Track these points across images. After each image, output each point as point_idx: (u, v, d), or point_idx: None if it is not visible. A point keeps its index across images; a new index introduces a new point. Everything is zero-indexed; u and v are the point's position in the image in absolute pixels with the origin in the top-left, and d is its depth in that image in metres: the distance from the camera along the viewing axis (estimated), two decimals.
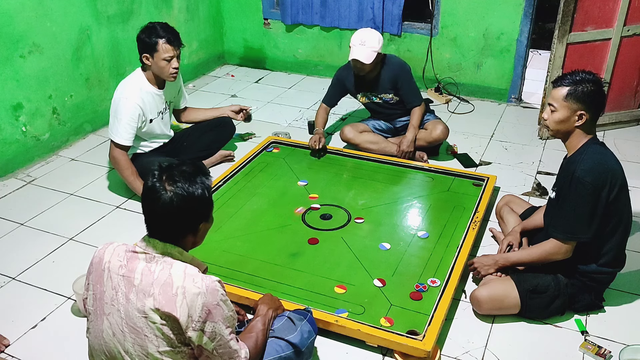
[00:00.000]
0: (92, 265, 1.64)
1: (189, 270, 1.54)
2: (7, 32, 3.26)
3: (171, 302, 1.49)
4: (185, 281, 1.51)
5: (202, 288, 1.50)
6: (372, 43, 3.27)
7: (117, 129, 2.95)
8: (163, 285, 1.51)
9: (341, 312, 2.26)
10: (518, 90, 4.40)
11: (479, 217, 2.80)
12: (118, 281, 1.56)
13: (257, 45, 5.18)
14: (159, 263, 1.54)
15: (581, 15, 3.50)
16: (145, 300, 1.51)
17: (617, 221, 2.20)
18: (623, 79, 3.78)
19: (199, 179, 1.57)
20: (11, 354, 2.19)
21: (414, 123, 3.47)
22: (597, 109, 2.16)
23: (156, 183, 1.54)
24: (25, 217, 3.02)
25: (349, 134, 3.56)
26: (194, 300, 1.49)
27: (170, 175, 1.55)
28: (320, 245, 2.72)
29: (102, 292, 1.59)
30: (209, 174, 1.64)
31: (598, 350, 2.13)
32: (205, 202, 1.59)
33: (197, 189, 1.55)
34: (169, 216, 1.54)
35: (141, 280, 1.53)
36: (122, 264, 1.57)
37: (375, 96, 3.55)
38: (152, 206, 1.55)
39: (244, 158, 3.46)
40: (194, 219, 1.59)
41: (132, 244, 1.61)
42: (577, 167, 2.13)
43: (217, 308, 1.53)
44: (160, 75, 3.01)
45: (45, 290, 2.52)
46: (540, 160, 3.59)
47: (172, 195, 1.52)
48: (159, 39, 2.89)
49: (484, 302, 2.28)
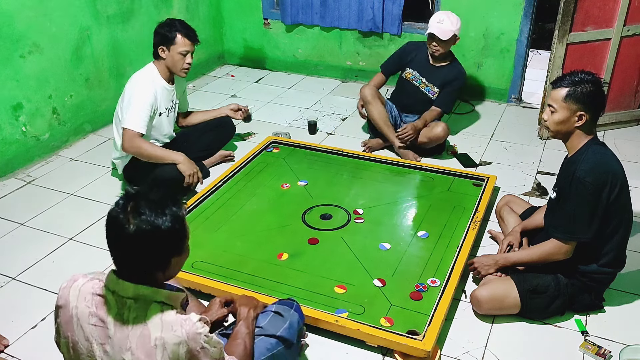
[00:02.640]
0: (58, 308, 1.49)
1: (165, 318, 1.39)
2: (7, 32, 3.26)
3: (151, 356, 1.38)
4: (164, 331, 1.38)
5: (183, 336, 1.38)
6: (450, 22, 3.43)
7: (131, 115, 2.93)
8: (139, 338, 1.38)
9: (341, 312, 2.26)
10: (518, 90, 4.40)
11: (479, 217, 2.80)
12: (90, 331, 1.43)
13: (257, 45, 5.18)
14: (132, 310, 1.40)
15: (581, 15, 3.50)
16: (123, 355, 1.40)
17: (618, 221, 2.20)
18: (623, 79, 3.78)
19: (168, 210, 1.38)
20: (11, 354, 2.19)
21: (427, 116, 3.54)
22: (597, 110, 2.16)
23: (120, 214, 1.36)
24: (25, 217, 3.02)
25: (367, 92, 3.62)
26: (176, 350, 1.38)
27: (136, 205, 1.37)
28: (320, 245, 2.71)
29: (75, 342, 1.46)
30: (180, 202, 1.44)
31: (598, 350, 2.13)
32: (174, 236, 1.40)
33: (165, 222, 1.37)
34: (133, 252, 1.38)
35: (115, 332, 1.40)
36: (91, 311, 1.42)
37: (422, 81, 3.61)
38: (114, 240, 1.39)
39: (244, 158, 3.46)
40: (162, 254, 1.41)
41: (96, 279, 1.47)
42: (578, 168, 2.13)
43: (203, 351, 1.41)
44: (173, 69, 3.04)
45: (45, 290, 2.52)
46: (540, 160, 3.59)
47: (136, 229, 1.34)
48: (178, 32, 2.96)
49: (484, 302, 2.28)
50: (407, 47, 3.74)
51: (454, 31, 3.44)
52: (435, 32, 3.42)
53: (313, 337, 2.24)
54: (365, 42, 4.74)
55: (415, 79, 3.64)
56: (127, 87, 3.04)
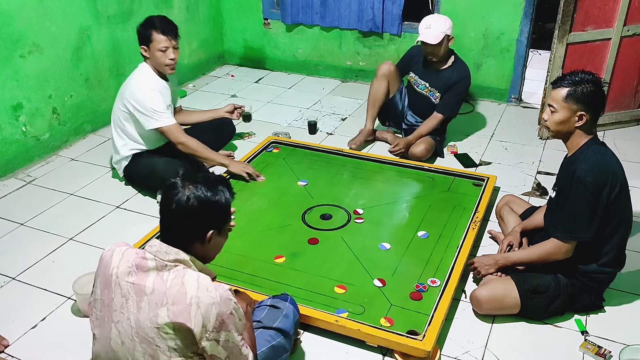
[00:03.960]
0: (99, 268, 1.62)
1: (202, 280, 1.52)
2: (7, 32, 3.26)
3: (185, 313, 1.48)
4: (199, 291, 1.49)
5: (217, 298, 1.50)
6: (438, 25, 3.33)
7: (157, 115, 2.97)
8: (176, 295, 1.49)
9: (341, 312, 2.26)
10: (518, 90, 4.40)
11: (479, 217, 2.80)
12: (128, 289, 1.53)
13: (257, 45, 5.18)
14: (171, 271, 1.53)
15: (581, 15, 3.50)
16: (158, 310, 1.49)
17: (618, 221, 2.20)
18: (623, 78, 3.78)
19: (220, 187, 1.61)
20: (11, 354, 2.19)
21: (422, 130, 3.52)
22: (597, 109, 2.16)
23: (178, 181, 1.58)
24: (25, 217, 3.02)
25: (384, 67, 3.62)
26: (209, 310, 1.48)
27: (193, 177, 1.59)
28: (320, 245, 2.71)
29: (110, 299, 1.56)
30: (231, 187, 1.66)
31: (598, 350, 2.13)
32: (220, 210, 1.60)
33: (215, 196, 1.58)
34: (182, 215, 1.55)
35: (153, 290, 1.51)
36: (132, 271, 1.54)
37: (425, 86, 3.57)
38: (168, 203, 1.57)
39: (244, 158, 3.46)
40: (205, 223, 1.59)
41: (140, 249, 1.60)
42: (578, 167, 2.12)
43: (231, 317, 1.53)
44: (158, 67, 3.03)
45: (45, 290, 2.52)
46: (540, 160, 3.58)
47: (191, 194, 1.55)
48: (153, 29, 2.94)
49: (484, 302, 2.28)
50: (412, 51, 3.68)
51: (445, 32, 3.34)
52: (424, 39, 3.34)
53: (313, 337, 2.24)
54: (365, 42, 4.74)
55: (417, 83, 3.62)
56: (128, 93, 3.00)
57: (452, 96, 3.51)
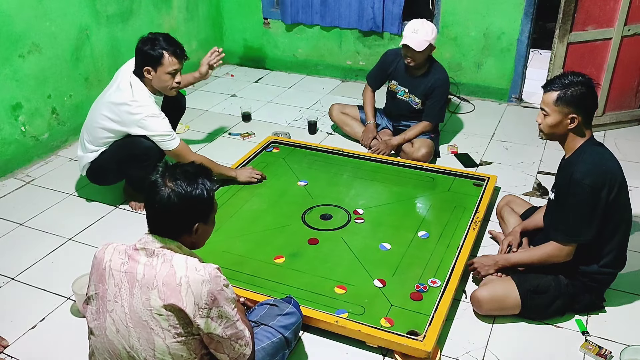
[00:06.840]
0: (93, 267, 1.67)
1: (189, 261, 1.58)
2: (7, 32, 3.25)
3: (176, 293, 1.53)
4: (188, 271, 1.55)
5: (206, 276, 1.55)
6: (425, 32, 3.29)
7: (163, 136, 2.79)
8: (166, 277, 1.54)
9: (341, 313, 2.25)
10: (519, 90, 4.40)
11: (479, 217, 2.80)
12: (120, 278, 1.59)
13: (257, 44, 5.17)
14: (160, 256, 1.58)
15: (582, 14, 3.49)
16: (149, 293, 1.55)
17: (618, 221, 2.19)
18: (624, 78, 3.78)
19: (200, 179, 1.63)
20: (10, 354, 2.19)
21: (408, 135, 3.52)
22: (589, 111, 2.15)
23: (158, 179, 1.61)
24: (25, 217, 3.02)
25: (334, 112, 3.82)
26: (199, 288, 1.53)
27: (173, 173, 1.61)
28: (320, 245, 2.71)
29: (104, 291, 1.62)
30: (212, 176, 1.68)
31: (599, 351, 2.13)
32: (202, 203, 1.63)
33: (196, 189, 1.61)
34: (165, 212, 1.60)
35: (144, 275, 1.56)
36: (124, 261, 1.60)
37: (405, 92, 3.55)
38: (151, 201, 1.61)
39: (243, 158, 3.45)
40: (190, 217, 1.63)
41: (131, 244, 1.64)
42: (575, 169, 2.12)
43: (222, 293, 1.58)
44: (161, 90, 2.83)
45: (44, 290, 2.52)
46: (541, 160, 3.58)
47: (170, 192, 1.58)
48: (164, 51, 2.72)
49: (484, 303, 2.27)
50: (387, 57, 3.62)
51: (429, 41, 3.29)
52: (409, 43, 3.27)
53: (314, 337, 2.24)
54: (365, 42, 4.73)
55: (398, 90, 3.59)
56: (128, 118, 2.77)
57: (435, 102, 3.50)
